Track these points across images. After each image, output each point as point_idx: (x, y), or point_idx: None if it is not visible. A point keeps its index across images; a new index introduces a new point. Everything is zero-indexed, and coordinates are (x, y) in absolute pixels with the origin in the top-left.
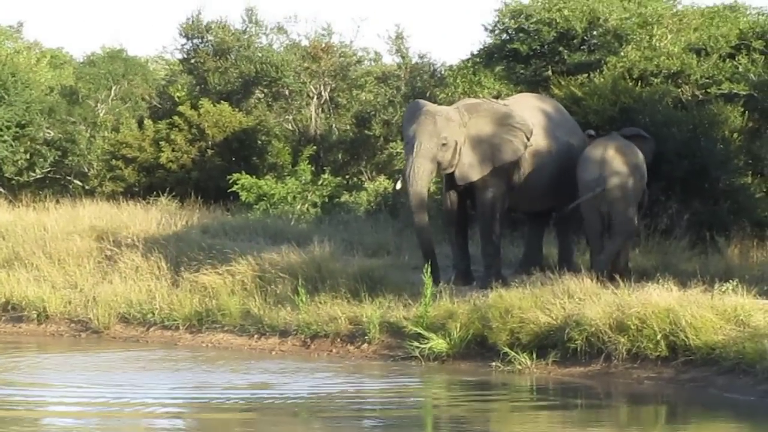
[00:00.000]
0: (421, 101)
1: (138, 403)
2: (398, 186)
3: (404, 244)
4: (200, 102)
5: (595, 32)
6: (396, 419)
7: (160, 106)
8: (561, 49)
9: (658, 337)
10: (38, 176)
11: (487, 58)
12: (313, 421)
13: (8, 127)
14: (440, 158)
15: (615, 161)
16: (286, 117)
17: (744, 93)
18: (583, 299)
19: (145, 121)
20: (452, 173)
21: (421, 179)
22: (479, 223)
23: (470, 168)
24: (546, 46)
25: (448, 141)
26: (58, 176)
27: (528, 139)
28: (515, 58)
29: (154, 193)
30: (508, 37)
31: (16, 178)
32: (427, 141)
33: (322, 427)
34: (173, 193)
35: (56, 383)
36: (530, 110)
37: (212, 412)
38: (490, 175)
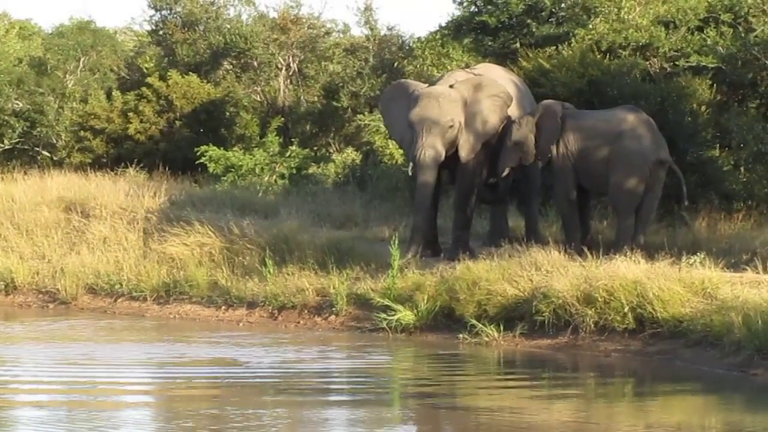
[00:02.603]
0: (405, 82)
1: (106, 381)
2: (410, 172)
3: (372, 215)
4: (168, 73)
5: (563, 5)
6: (363, 393)
7: (128, 77)
8: (529, 21)
9: (626, 310)
10: (6, 147)
11: (456, 30)
12: (280, 396)
13: None
14: (449, 140)
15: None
16: (255, 88)
17: (712, 66)
18: (551, 271)
19: (113, 93)
20: (457, 152)
21: (431, 166)
22: (457, 194)
23: (470, 144)
24: (514, 19)
25: (454, 122)
26: (26, 147)
27: (508, 106)
28: (483, 30)
29: (122, 164)
30: (476, 10)
31: None
32: (434, 125)
33: (289, 402)
34: (141, 165)
35: (25, 359)
36: (501, 80)
37: (179, 390)
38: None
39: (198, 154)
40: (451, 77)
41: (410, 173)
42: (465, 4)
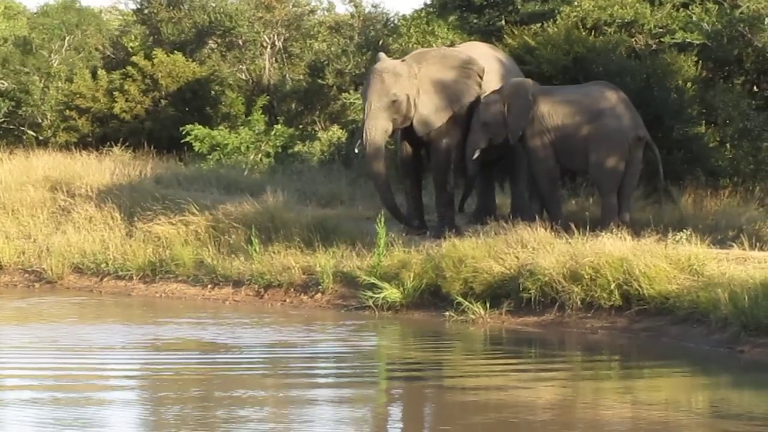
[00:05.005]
0: (380, 56)
1: (92, 366)
2: (357, 150)
3: (358, 193)
4: (154, 52)
5: None
6: (350, 372)
7: (113, 56)
8: None
9: (612, 287)
10: None
11: (441, 7)
12: (267, 379)
13: None
14: (394, 115)
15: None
16: (240, 67)
17: (698, 42)
18: (537, 249)
19: (98, 72)
20: (410, 125)
21: (376, 138)
22: (434, 173)
23: (429, 116)
24: None
25: (399, 96)
26: (11, 127)
27: (481, 78)
28: (468, 7)
29: (108, 143)
30: None
31: None
32: (377, 101)
33: (275, 385)
34: (127, 144)
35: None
36: (484, 57)
37: (165, 373)
38: (446, 123)
39: (183, 132)
40: (471, 48)
41: (356, 151)
42: None
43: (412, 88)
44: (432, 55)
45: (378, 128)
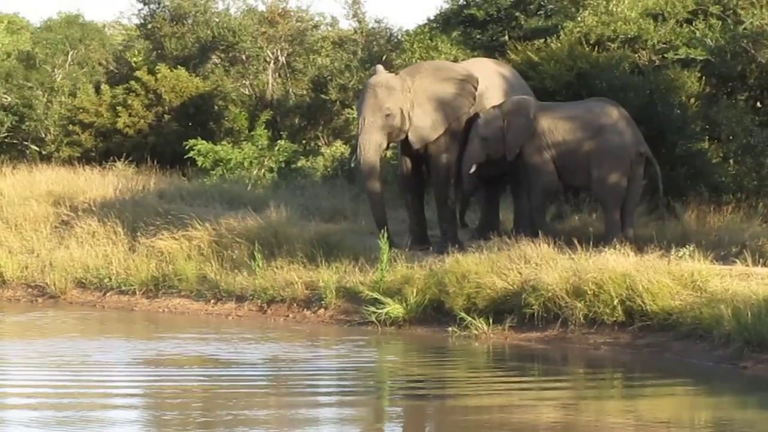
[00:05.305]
0: (377, 69)
1: (95, 382)
2: (352, 164)
3: (361, 209)
4: (157, 67)
5: None
6: (351, 388)
7: (117, 71)
8: (518, 14)
9: (615, 303)
10: None
11: (444, 23)
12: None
13: None
14: (389, 129)
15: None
16: (243, 82)
17: (701, 58)
18: (540, 264)
19: (102, 86)
20: (406, 138)
21: (370, 153)
22: (434, 188)
23: (423, 129)
24: (503, 11)
25: (392, 111)
26: (14, 141)
27: (474, 89)
28: (472, 23)
29: (111, 158)
30: (464, 2)
31: None
32: (370, 115)
33: (278, 402)
34: (130, 158)
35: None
36: (488, 73)
37: (168, 389)
38: (445, 138)
39: (187, 147)
40: (476, 64)
41: (352, 165)
42: None
43: (406, 101)
44: (425, 68)
45: (372, 143)
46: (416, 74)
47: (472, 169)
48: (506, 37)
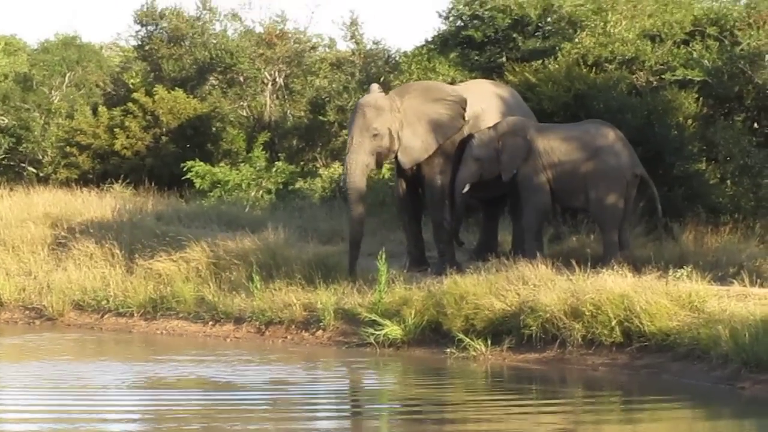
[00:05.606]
0: (371, 88)
1: (91, 406)
2: (341, 183)
3: None
4: (155, 89)
5: (549, 18)
6: (351, 411)
7: (114, 92)
8: (515, 35)
9: (613, 323)
10: None
11: (442, 44)
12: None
13: None
14: (378, 149)
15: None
16: (241, 103)
17: (698, 79)
18: (538, 285)
19: (99, 108)
20: (398, 159)
21: (356, 174)
22: (430, 210)
23: (413, 150)
24: (500, 33)
25: (380, 131)
26: (12, 163)
27: (464, 110)
28: (470, 44)
29: (109, 180)
30: (462, 24)
31: None
32: (358, 135)
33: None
34: (127, 180)
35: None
36: (486, 94)
37: (166, 411)
38: (439, 159)
39: (184, 169)
40: (474, 86)
41: (341, 184)
42: (451, 18)
43: (395, 121)
44: (414, 89)
45: (358, 163)
46: (405, 94)
47: (465, 189)
48: (504, 59)
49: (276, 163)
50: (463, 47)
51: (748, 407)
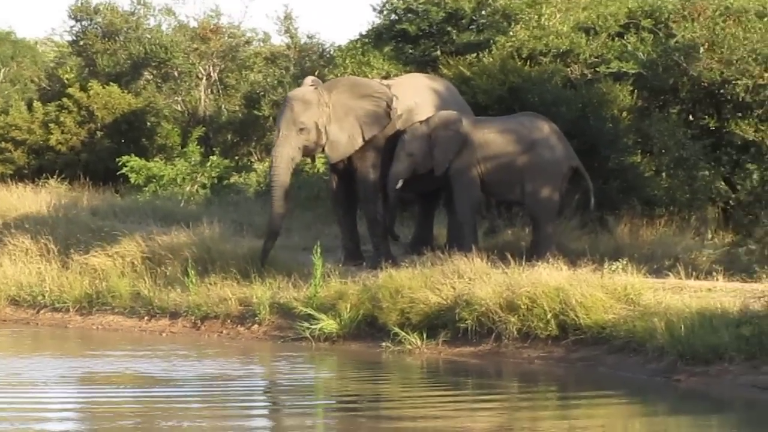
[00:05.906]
0: (305, 81)
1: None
2: (269, 177)
3: (294, 224)
4: (89, 84)
5: (483, 12)
6: (286, 405)
7: (49, 88)
8: (450, 29)
9: (549, 317)
10: None
11: (376, 38)
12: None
13: None
14: (305, 143)
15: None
16: (176, 98)
17: (633, 72)
18: (474, 279)
19: (34, 104)
20: (325, 153)
21: (281, 167)
22: (363, 205)
23: (340, 145)
24: (435, 27)
25: (306, 125)
26: None
27: (390, 107)
28: (404, 38)
29: (44, 175)
30: (396, 18)
31: None
32: (285, 129)
33: (211, 421)
34: (63, 175)
35: None
36: (420, 88)
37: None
38: (371, 154)
39: (119, 164)
40: (409, 80)
41: (269, 179)
42: (385, 12)
43: (322, 115)
44: (343, 84)
45: (284, 156)
46: (334, 89)
47: (398, 185)
48: (438, 52)
49: (211, 157)
50: (398, 41)
51: (684, 400)
